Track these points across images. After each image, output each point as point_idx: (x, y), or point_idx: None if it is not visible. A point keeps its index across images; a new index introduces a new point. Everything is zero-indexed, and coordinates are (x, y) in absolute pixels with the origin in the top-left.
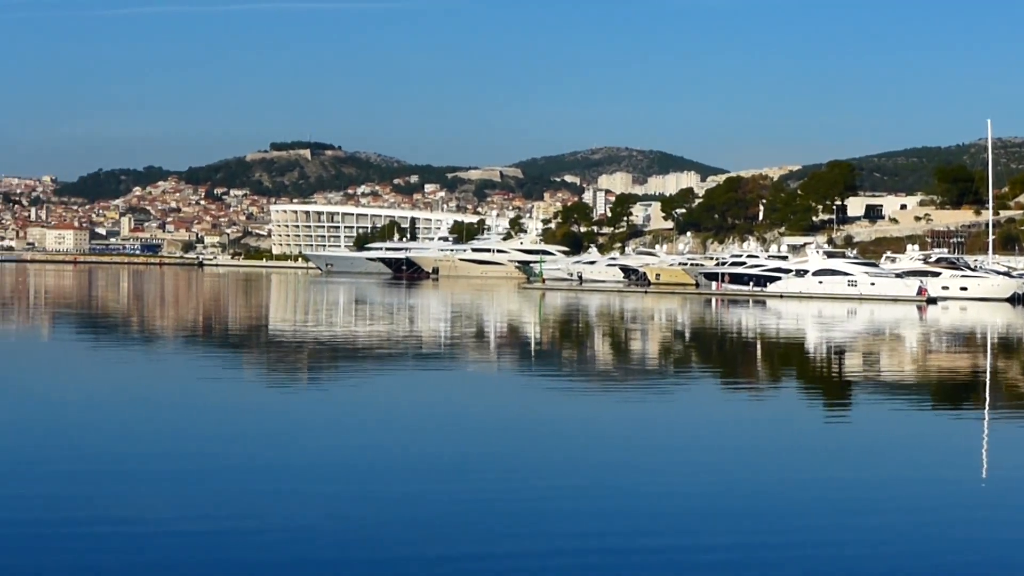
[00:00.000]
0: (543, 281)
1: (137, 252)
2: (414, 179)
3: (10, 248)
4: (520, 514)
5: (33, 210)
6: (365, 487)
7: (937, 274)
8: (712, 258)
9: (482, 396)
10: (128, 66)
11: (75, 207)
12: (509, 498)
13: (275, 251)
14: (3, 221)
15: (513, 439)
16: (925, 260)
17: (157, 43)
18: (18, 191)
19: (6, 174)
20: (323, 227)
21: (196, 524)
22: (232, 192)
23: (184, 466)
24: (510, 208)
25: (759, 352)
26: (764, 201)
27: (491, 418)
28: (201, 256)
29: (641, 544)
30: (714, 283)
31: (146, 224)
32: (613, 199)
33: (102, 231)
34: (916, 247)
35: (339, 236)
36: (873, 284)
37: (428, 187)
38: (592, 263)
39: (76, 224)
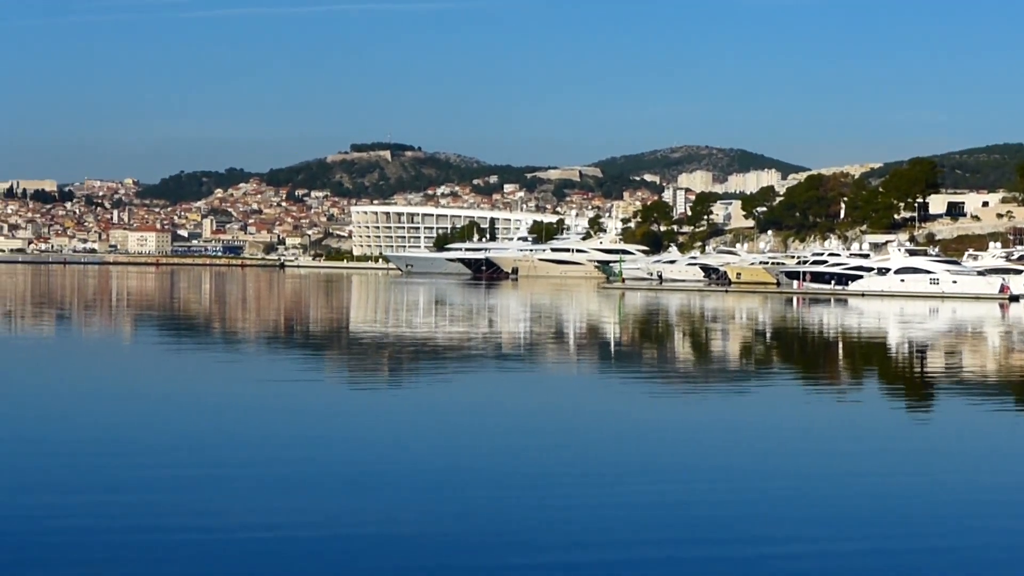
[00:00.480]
0: (623, 281)
1: (219, 254)
2: (493, 179)
3: (92, 250)
4: (651, 520)
5: (115, 212)
6: (460, 493)
7: (1019, 271)
8: (793, 257)
9: (569, 398)
10: (210, 69)
11: (157, 209)
12: (634, 503)
13: (355, 252)
14: (86, 223)
15: (615, 444)
16: (1007, 257)
17: (239, 46)
18: (100, 193)
19: (88, 176)
20: (403, 228)
21: (313, 530)
22: (313, 193)
23: (286, 472)
24: (589, 208)
25: (842, 351)
26: (845, 199)
27: (581, 422)
28: (282, 258)
29: (797, 550)
30: (795, 282)
31: (228, 226)
32: (693, 198)
33: (184, 233)
34: (998, 244)
35: (419, 237)
36: (955, 282)
37: (507, 187)
38: (672, 262)
39: (158, 226)
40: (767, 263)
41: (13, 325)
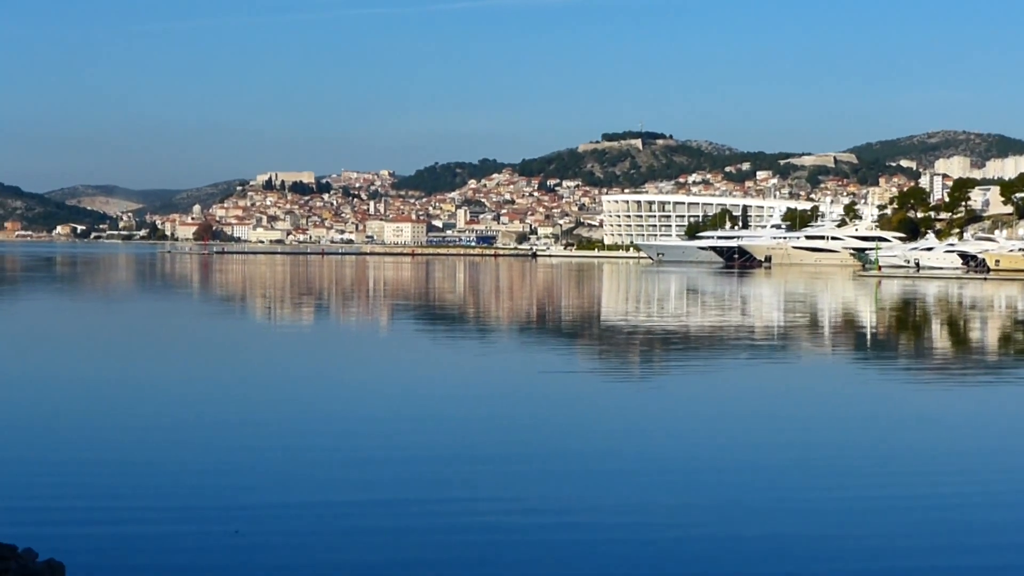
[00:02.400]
0: (879, 269)
1: (472, 244)
2: (746, 166)
3: (349, 241)
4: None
5: (372, 203)
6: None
7: None
8: None
9: (833, 389)
10: (462, 61)
11: (412, 200)
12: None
13: (606, 241)
14: (343, 214)
15: (889, 436)
16: None
17: (490, 37)
18: (357, 185)
19: (345, 168)
20: (654, 216)
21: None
22: (564, 183)
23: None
24: (844, 194)
25: None
26: None
27: (845, 413)
28: (535, 247)
29: None
30: None
31: (481, 216)
32: (950, 184)
33: (438, 223)
34: None
35: (670, 225)
36: None
37: (760, 174)
38: (929, 249)
39: (413, 217)
40: None
41: (297, 315)
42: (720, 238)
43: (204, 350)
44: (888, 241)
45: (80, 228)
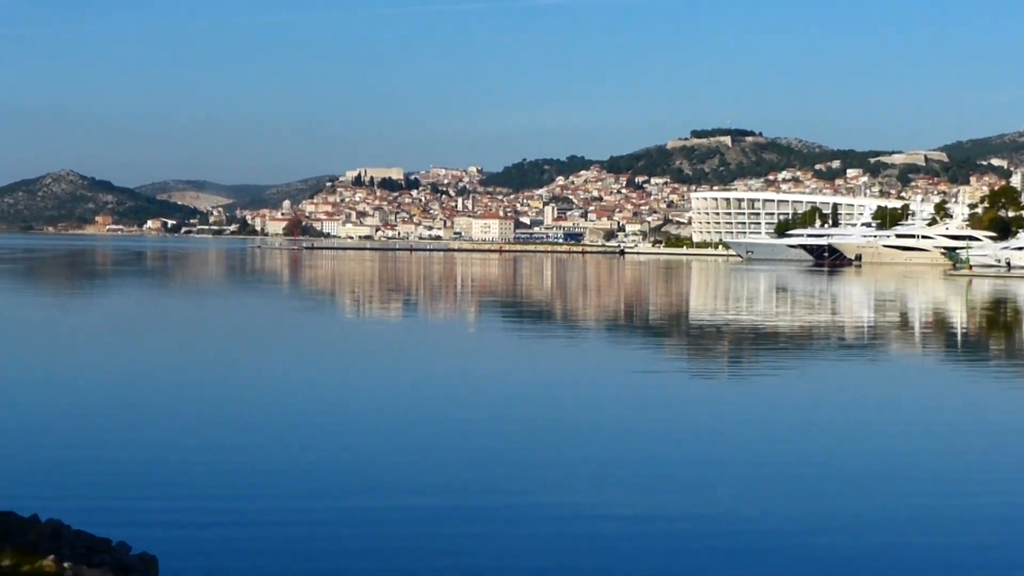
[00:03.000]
0: (969, 268)
1: (560, 240)
2: (836, 164)
3: (437, 237)
4: None
5: (460, 200)
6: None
7: None
8: None
9: (921, 389)
10: (551, 58)
11: (500, 196)
12: None
13: (695, 239)
14: (431, 211)
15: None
16: None
17: (579, 34)
18: (445, 181)
19: (434, 165)
20: (743, 214)
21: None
22: (652, 180)
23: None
24: (935, 193)
25: None
26: None
27: (945, 415)
28: (622, 244)
29: None
30: None
31: (568, 213)
32: None
33: (526, 220)
34: None
35: (759, 223)
36: None
37: (850, 172)
38: (1020, 249)
39: (501, 213)
40: None
41: (389, 312)
42: (810, 236)
43: (299, 346)
44: (979, 240)
45: (170, 223)
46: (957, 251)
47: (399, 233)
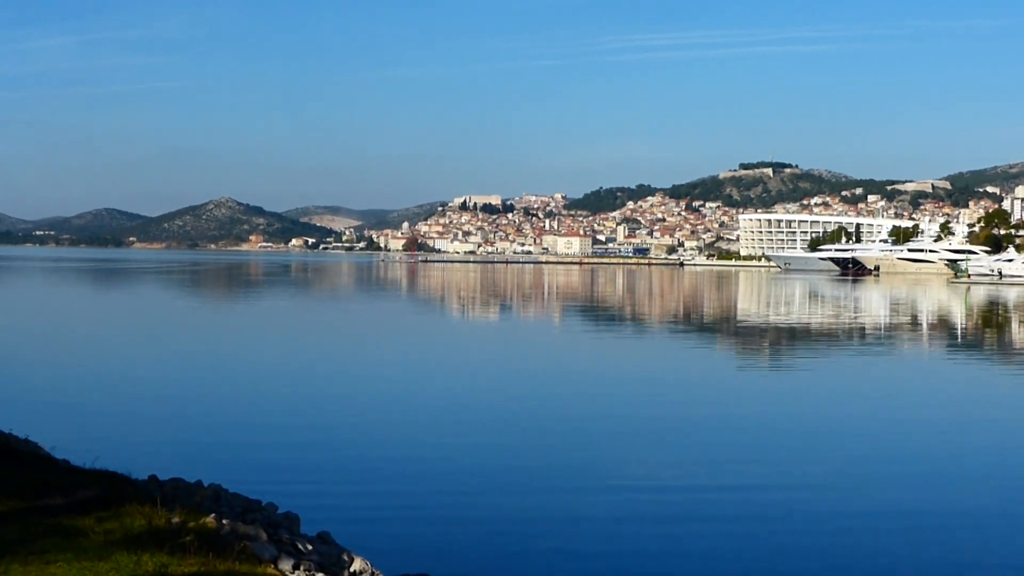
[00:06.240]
0: (968, 276)
1: (630, 255)
2: (858, 191)
3: (528, 252)
4: None
5: (547, 221)
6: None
7: None
8: None
9: (943, 383)
10: (625, 100)
11: (580, 218)
12: None
13: (742, 252)
14: (523, 230)
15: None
16: None
17: (648, 81)
18: (535, 206)
19: (526, 192)
20: (782, 232)
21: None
22: (707, 204)
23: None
24: (940, 215)
25: None
26: None
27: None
28: (681, 257)
29: None
30: None
31: (637, 232)
32: None
33: (602, 238)
34: None
35: (795, 240)
36: None
37: (871, 198)
38: (1010, 261)
39: (581, 232)
40: None
41: (498, 315)
42: (837, 250)
43: (426, 343)
44: (976, 254)
45: (311, 240)
46: (958, 263)
47: (497, 249)
